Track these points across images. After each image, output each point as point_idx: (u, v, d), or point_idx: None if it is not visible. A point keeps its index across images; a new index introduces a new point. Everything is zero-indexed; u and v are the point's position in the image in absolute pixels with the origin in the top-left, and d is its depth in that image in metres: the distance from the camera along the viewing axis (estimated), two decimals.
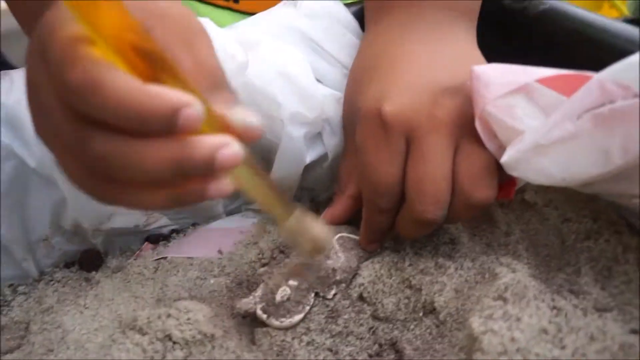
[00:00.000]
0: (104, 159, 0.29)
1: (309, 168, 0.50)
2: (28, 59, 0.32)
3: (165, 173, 0.28)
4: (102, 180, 0.31)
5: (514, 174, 0.37)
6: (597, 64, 0.34)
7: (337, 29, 0.51)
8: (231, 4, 0.70)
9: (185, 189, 0.30)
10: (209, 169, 0.28)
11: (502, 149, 0.38)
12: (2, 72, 0.47)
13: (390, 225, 0.43)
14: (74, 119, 0.29)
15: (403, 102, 0.40)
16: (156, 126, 0.27)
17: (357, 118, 0.43)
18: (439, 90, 0.40)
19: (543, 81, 0.36)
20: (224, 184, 0.30)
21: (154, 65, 0.29)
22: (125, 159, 0.28)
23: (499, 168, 0.39)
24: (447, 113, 0.39)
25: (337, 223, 0.47)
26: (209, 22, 0.47)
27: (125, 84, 0.27)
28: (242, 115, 0.31)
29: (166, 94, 0.27)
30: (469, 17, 0.46)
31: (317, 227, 0.38)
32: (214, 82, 0.33)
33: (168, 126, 0.27)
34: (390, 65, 0.43)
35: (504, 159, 0.37)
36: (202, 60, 0.33)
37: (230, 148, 0.29)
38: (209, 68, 0.33)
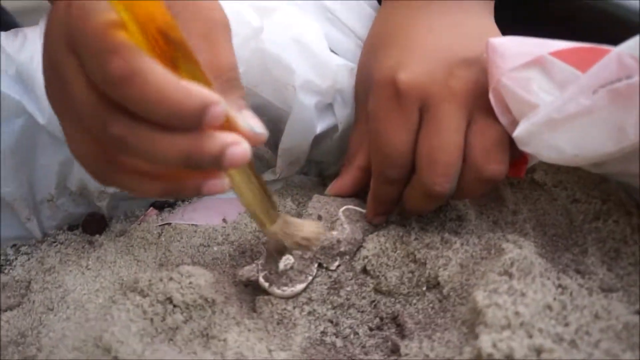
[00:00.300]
0: (120, 142, 0.30)
1: (318, 139, 0.50)
2: (47, 36, 0.33)
3: (174, 162, 0.30)
4: (107, 161, 0.32)
5: (526, 149, 0.36)
6: (613, 41, 0.33)
7: (355, 4, 0.51)
8: None
9: (184, 183, 0.31)
10: (217, 163, 0.29)
11: (514, 123, 0.37)
12: (15, 29, 0.46)
13: (397, 197, 0.42)
14: (101, 100, 0.30)
15: (418, 71, 0.40)
16: (185, 121, 0.28)
17: (371, 86, 0.42)
18: (455, 61, 0.39)
19: (558, 54, 0.36)
20: (221, 183, 0.31)
21: (177, 54, 0.30)
22: (140, 144, 0.29)
23: (511, 143, 0.38)
24: (462, 84, 0.39)
25: (345, 194, 0.46)
26: None
27: (163, 78, 0.28)
28: (250, 121, 0.32)
29: (198, 91, 0.28)
30: None
31: (306, 227, 0.39)
32: (228, 81, 0.33)
33: (195, 122, 0.28)
34: (407, 35, 0.43)
35: (517, 133, 0.36)
36: (220, 57, 0.33)
37: (240, 147, 0.29)
38: (225, 65, 0.34)
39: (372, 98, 0.42)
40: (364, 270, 0.41)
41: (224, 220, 0.49)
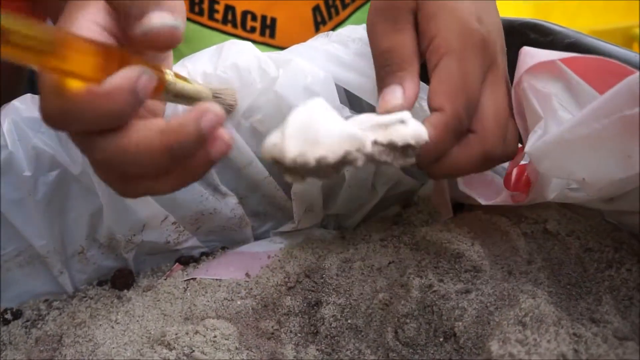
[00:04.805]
0: (107, 162, 0.31)
1: (331, 191, 0.52)
2: None
3: (163, 160, 0.30)
4: (119, 178, 0.33)
5: (538, 166, 0.38)
6: None
7: (368, 51, 0.53)
8: (268, 40, 0.73)
9: (193, 165, 0.32)
10: (201, 140, 0.30)
11: (524, 123, 0.40)
12: None
13: None
14: (74, 138, 0.32)
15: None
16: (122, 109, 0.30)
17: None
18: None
19: (578, 61, 0.38)
20: (223, 143, 0.31)
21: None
22: (122, 157, 0.30)
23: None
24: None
25: None
26: (249, 44, 0.50)
27: (78, 92, 0.29)
28: (160, 18, 0.31)
29: (117, 81, 0.29)
30: None
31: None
32: None
33: (135, 100, 0.30)
34: None
35: (528, 149, 0.38)
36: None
37: (210, 112, 0.30)
38: None
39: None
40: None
41: (247, 275, 0.50)
